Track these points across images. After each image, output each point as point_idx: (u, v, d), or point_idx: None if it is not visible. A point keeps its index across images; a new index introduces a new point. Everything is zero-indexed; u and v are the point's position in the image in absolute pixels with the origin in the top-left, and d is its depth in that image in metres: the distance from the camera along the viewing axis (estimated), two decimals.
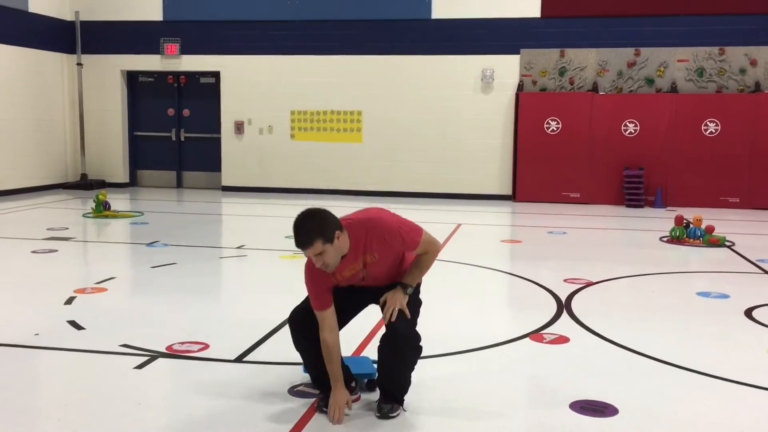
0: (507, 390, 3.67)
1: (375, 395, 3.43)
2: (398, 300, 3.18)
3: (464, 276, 6.49)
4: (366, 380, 3.57)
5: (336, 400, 3.21)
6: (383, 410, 3.26)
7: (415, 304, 3.29)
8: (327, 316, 3.20)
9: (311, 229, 2.98)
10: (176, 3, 13.11)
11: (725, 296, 5.66)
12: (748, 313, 5.15)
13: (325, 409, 3.27)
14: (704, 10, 11.63)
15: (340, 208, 3.98)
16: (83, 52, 13.32)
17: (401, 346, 3.19)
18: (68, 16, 13.32)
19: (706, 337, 4.64)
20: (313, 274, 3.18)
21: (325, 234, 2.98)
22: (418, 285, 3.36)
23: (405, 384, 3.32)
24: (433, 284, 5.99)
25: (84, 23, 13.29)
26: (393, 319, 3.16)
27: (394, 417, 3.24)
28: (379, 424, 3.20)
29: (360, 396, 3.46)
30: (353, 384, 3.44)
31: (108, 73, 13.45)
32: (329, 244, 2.99)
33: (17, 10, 12.20)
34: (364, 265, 3.19)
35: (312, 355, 3.30)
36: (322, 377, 3.32)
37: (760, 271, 6.69)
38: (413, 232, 3.19)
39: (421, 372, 3.71)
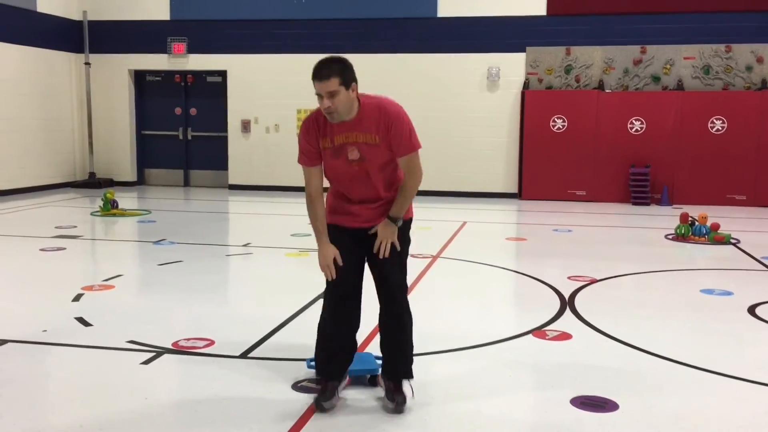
0: (509, 385, 3.70)
1: (379, 392, 3.48)
2: (389, 234, 3.26)
3: (469, 273, 6.52)
4: (369, 376, 3.62)
5: (324, 257, 3.28)
6: (397, 401, 3.27)
7: (404, 242, 3.37)
8: (314, 173, 3.31)
9: (334, 66, 3.10)
10: (183, 2, 13.19)
11: (729, 293, 5.68)
12: (752, 310, 5.17)
13: (323, 402, 3.30)
14: (710, 7, 11.61)
15: None
16: (91, 52, 13.41)
17: (395, 294, 3.36)
18: (76, 16, 13.42)
19: (708, 334, 4.66)
20: (308, 131, 3.27)
21: (344, 75, 3.09)
22: (408, 223, 3.40)
23: (409, 349, 3.41)
24: (438, 281, 6.07)
25: (92, 23, 13.38)
26: (386, 254, 3.26)
27: (402, 410, 3.27)
28: (384, 419, 3.24)
29: (349, 380, 3.53)
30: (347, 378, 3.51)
31: (116, 72, 13.55)
32: (344, 87, 3.09)
33: (25, 9, 12.30)
34: (358, 144, 3.20)
35: (333, 332, 3.39)
36: (329, 364, 3.39)
37: (765, 269, 6.69)
38: (416, 139, 3.26)
39: (425, 368, 3.76)
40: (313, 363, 3.65)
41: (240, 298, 5.83)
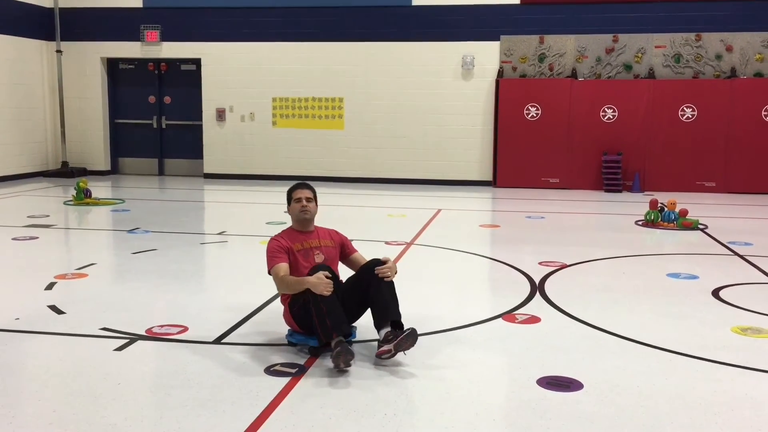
0: (478, 367, 3.78)
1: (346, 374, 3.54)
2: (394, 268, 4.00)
3: (442, 260, 6.60)
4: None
5: (315, 279, 3.76)
6: (406, 331, 3.69)
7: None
8: (282, 267, 3.96)
9: (310, 186, 4.26)
10: None
11: (694, 277, 5.82)
12: (716, 293, 5.31)
13: (350, 359, 3.58)
14: None
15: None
16: (63, 39, 13.25)
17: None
18: (47, 3, 13.23)
19: (672, 316, 4.78)
20: (280, 239, 4.12)
21: (315, 195, 4.24)
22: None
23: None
24: (412, 268, 6.13)
25: (63, 10, 13.21)
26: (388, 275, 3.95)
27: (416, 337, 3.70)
28: (356, 400, 3.30)
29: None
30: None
31: (88, 60, 13.40)
32: (315, 200, 4.22)
33: None
34: (321, 247, 4.16)
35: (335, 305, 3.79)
36: (340, 320, 3.72)
37: (731, 253, 6.85)
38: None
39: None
40: (294, 339, 4.00)
41: (214, 285, 5.85)
